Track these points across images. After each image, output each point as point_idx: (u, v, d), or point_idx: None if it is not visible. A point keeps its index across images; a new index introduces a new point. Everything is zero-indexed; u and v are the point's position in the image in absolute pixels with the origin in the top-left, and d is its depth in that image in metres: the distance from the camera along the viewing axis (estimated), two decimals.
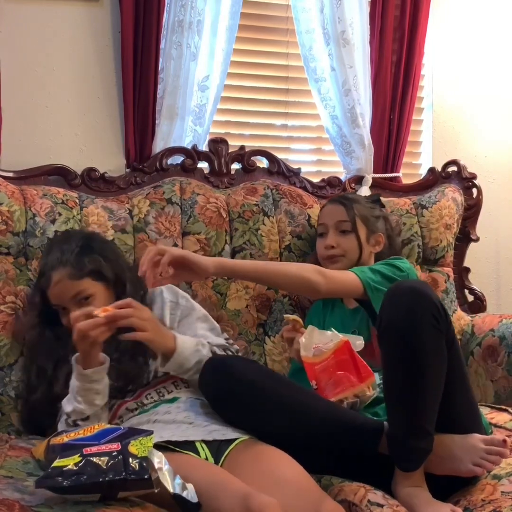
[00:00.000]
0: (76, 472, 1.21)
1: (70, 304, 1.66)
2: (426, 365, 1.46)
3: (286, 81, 2.55)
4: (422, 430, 1.47)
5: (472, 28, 2.74)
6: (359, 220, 2.01)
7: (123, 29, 2.19)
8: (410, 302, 1.48)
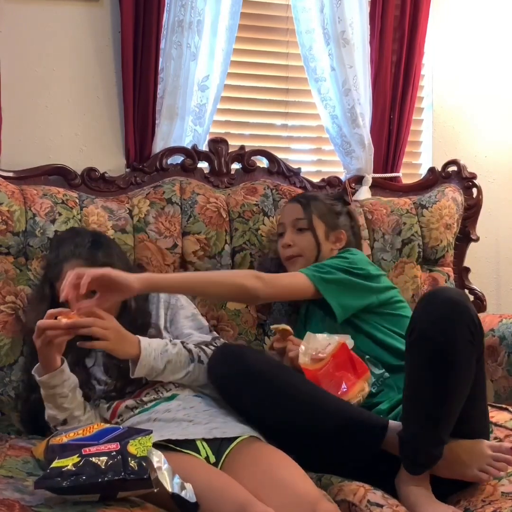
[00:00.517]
0: (75, 472, 1.21)
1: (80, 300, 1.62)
2: (457, 379, 1.43)
3: (286, 81, 2.55)
4: (438, 439, 1.46)
5: (472, 28, 2.74)
6: (316, 217, 1.99)
7: (123, 29, 2.19)
8: (447, 313, 1.42)
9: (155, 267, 2.04)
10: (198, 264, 2.10)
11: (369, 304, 1.84)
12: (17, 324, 1.84)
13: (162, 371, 1.63)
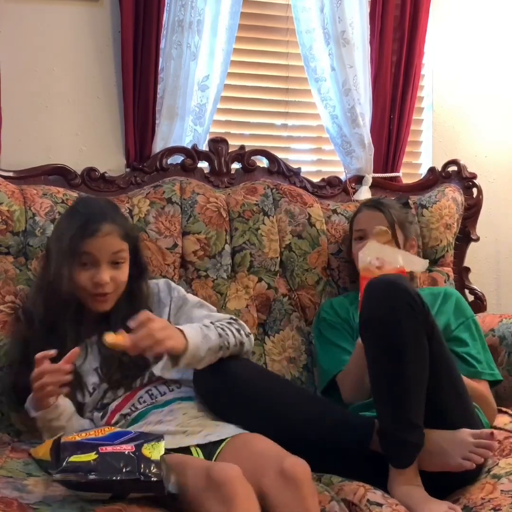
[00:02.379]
0: (92, 468, 1.23)
1: (106, 260, 1.64)
2: (407, 355, 1.49)
3: (286, 81, 2.55)
4: (409, 423, 1.49)
5: (472, 28, 2.74)
6: (397, 226, 2.02)
7: (123, 29, 2.19)
8: (385, 293, 1.53)
9: (155, 267, 2.04)
10: (198, 264, 2.10)
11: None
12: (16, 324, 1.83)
13: (203, 358, 1.56)
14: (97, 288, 1.64)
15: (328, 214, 2.27)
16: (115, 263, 1.66)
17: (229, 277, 2.14)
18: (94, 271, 1.64)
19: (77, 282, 1.63)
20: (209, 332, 1.58)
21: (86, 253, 1.63)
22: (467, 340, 1.89)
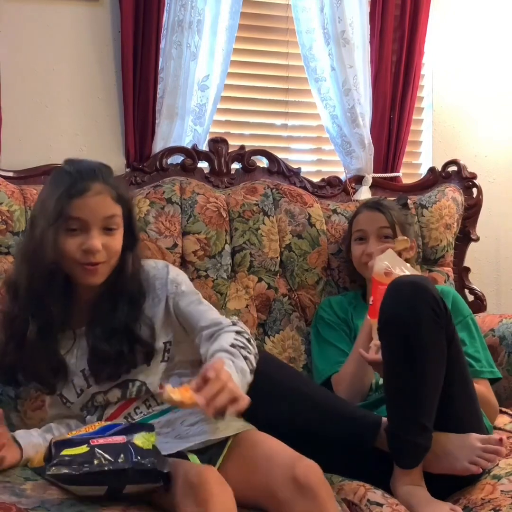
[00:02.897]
0: (84, 461, 1.22)
1: (97, 224, 1.44)
2: (425, 358, 1.48)
3: (286, 81, 2.55)
4: (420, 426, 1.48)
5: (472, 27, 2.74)
6: (398, 227, 2.03)
7: (123, 29, 2.19)
8: (410, 295, 1.51)
9: None
10: (198, 264, 2.10)
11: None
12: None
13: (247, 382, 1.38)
14: (87, 257, 1.43)
15: (328, 214, 2.27)
16: (108, 229, 1.45)
17: (229, 277, 2.14)
18: (83, 237, 1.43)
19: (64, 251, 1.42)
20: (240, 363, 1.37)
21: (74, 218, 1.42)
22: (465, 339, 1.89)
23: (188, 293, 1.56)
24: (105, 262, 1.46)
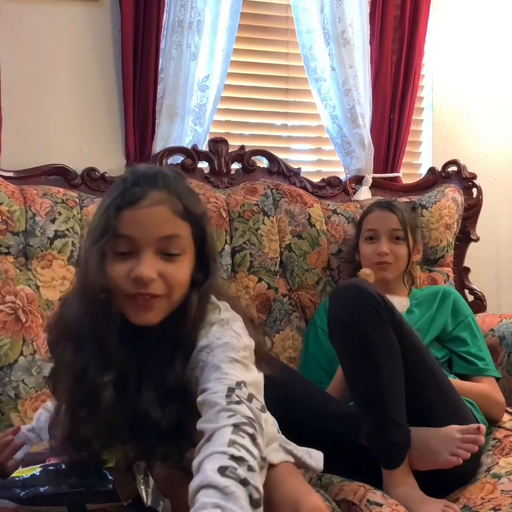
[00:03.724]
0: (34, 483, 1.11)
1: (152, 246, 1.10)
2: (376, 354, 1.50)
3: (286, 81, 2.55)
4: (391, 423, 1.49)
5: (472, 28, 2.74)
6: (409, 229, 2.04)
7: (123, 29, 2.19)
8: (348, 297, 1.56)
9: None
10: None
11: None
12: (16, 324, 1.83)
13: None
14: (137, 288, 1.09)
15: (328, 214, 2.27)
16: (167, 254, 1.11)
17: (229, 277, 2.14)
18: (133, 262, 1.10)
19: (110, 278, 1.10)
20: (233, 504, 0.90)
21: (123, 236, 1.10)
22: (467, 339, 1.89)
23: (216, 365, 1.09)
24: (163, 295, 1.11)
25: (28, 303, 1.87)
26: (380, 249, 2.01)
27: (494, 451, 1.67)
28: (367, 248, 2.05)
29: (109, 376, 1.11)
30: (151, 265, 1.09)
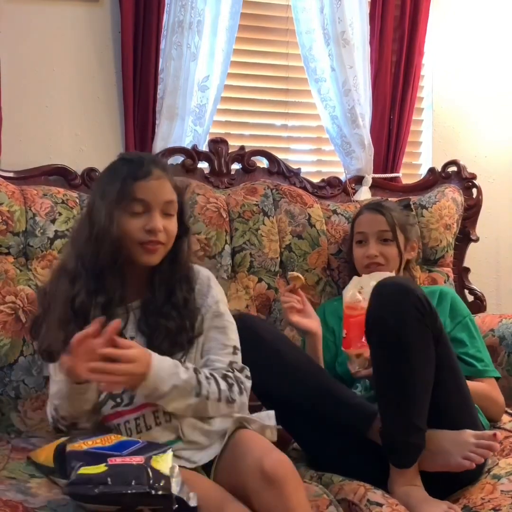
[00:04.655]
0: (100, 482, 1.21)
1: (159, 207, 1.52)
2: (413, 357, 1.50)
3: (286, 81, 2.55)
4: (412, 426, 1.49)
5: (472, 28, 2.74)
6: (398, 229, 2.03)
7: (123, 29, 2.19)
8: (394, 297, 1.53)
9: None
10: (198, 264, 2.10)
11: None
12: (16, 324, 1.83)
13: (166, 394, 1.42)
14: (150, 236, 1.49)
15: (328, 214, 2.27)
16: (166, 214, 1.53)
17: (229, 277, 2.14)
18: (146, 218, 1.50)
19: (127, 231, 1.49)
20: (182, 372, 1.43)
21: (139, 200, 1.49)
22: (465, 340, 1.89)
23: (222, 315, 1.59)
24: (164, 244, 1.52)
25: (28, 303, 1.86)
26: (369, 252, 2.01)
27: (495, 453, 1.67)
28: (358, 251, 2.06)
29: (100, 299, 1.48)
30: (160, 221, 1.50)
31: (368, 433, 1.56)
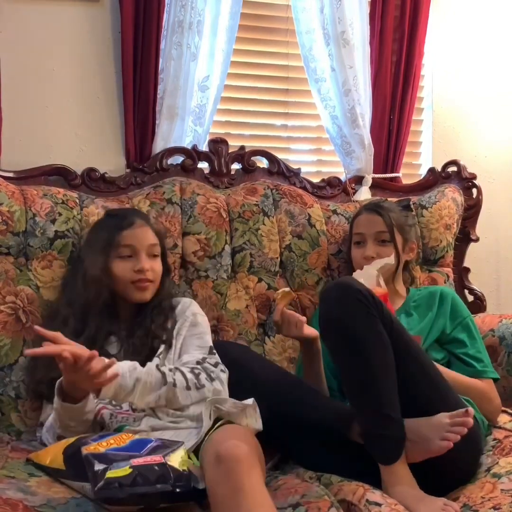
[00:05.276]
0: (127, 484, 1.25)
1: (145, 250, 1.75)
2: (367, 349, 1.52)
3: (286, 81, 2.55)
4: (384, 417, 1.50)
5: (472, 28, 2.74)
6: (396, 230, 2.03)
7: (123, 29, 2.19)
8: (337, 294, 1.57)
9: None
10: (198, 264, 2.10)
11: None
12: (17, 324, 1.84)
13: (132, 390, 1.49)
14: (139, 275, 1.72)
15: (328, 214, 2.28)
16: (151, 255, 1.77)
17: (229, 277, 2.14)
18: (134, 261, 1.73)
19: (119, 274, 1.72)
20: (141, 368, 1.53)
21: (126, 245, 1.73)
22: (465, 340, 1.90)
23: (199, 324, 1.78)
24: (152, 281, 1.75)
25: (29, 304, 1.87)
26: (366, 253, 2.01)
27: (494, 451, 1.67)
28: (356, 252, 2.06)
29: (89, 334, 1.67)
30: (146, 261, 1.75)
31: (350, 435, 1.56)
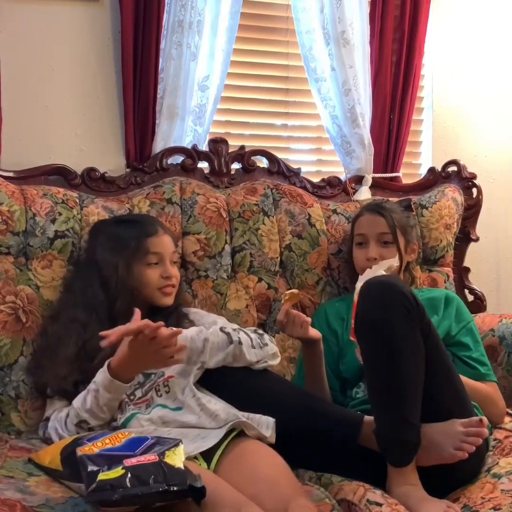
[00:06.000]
0: (119, 485, 1.23)
1: (169, 257, 1.81)
2: (402, 354, 1.50)
3: (286, 81, 2.55)
4: (406, 422, 1.49)
5: (472, 28, 2.74)
6: (399, 231, 2.03)
7: (123, 29, 2.19)
8: (380, 295, 1.54)
9: None
10: (198, 264, 2.10)
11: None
12: (17, 324, 1.84)
13: (202, 351, 1.62)
14: (167, 281, 1.79)
15: (328, 214, 2.27)
16: (173, 262, 1.84)
17: (229, 277, 2.14)
18: (161, 268, 1.79)
19: (147, 280, 1.77)
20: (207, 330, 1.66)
21: (154, 253, 1.78)
22: (469, 344, 1.90)
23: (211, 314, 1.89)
24: (176, 286, 1.83)
25: (29, 303, 1.87)
26: (369, 254, 2.00)
27: (494, 451, 1.68)
28: (358, 253, 2.05)
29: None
30: (172, 268, 1.82)
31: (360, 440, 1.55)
